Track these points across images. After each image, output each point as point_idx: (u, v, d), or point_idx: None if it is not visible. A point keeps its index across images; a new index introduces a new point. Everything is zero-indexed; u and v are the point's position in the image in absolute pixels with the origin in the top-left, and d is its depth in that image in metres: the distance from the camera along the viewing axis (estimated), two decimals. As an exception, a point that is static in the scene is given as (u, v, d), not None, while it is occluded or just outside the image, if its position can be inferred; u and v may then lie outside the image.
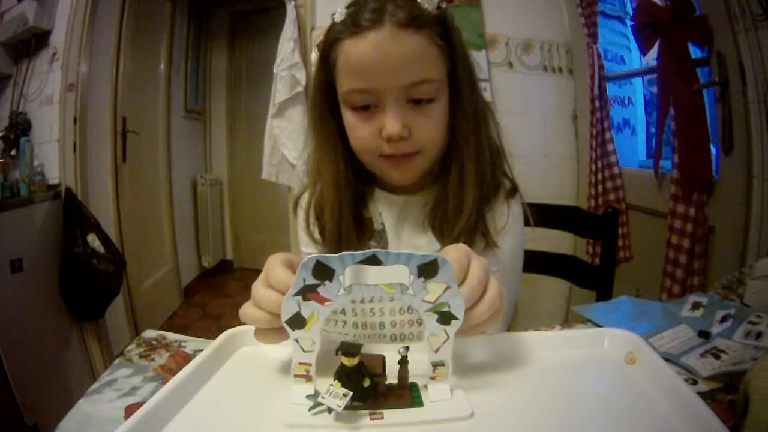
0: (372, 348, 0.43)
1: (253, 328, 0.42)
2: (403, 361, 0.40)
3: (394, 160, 0.66)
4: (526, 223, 0.74)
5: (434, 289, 0.37)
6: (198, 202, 3.51)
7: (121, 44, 2.30)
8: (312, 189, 0.74)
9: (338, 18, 0.64)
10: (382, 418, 0.37)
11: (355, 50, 0.61)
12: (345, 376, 0.37)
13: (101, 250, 1.86)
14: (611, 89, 2.00)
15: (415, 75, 0.61)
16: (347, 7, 0.64)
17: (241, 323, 0.45)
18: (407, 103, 0.63)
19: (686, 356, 0.50)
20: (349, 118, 0.66)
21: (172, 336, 0.58)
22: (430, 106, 0.64)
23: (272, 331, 0.41)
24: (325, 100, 0.69)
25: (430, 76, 0.62)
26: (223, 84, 3.75)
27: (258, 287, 0.42)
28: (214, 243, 3.56)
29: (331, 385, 0.37)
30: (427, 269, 0.36)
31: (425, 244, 0.71)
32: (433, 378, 0.40)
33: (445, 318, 0.38)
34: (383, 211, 0.74)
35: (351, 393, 0.36)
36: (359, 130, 0.66)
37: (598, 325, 0.60)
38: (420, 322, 0.42)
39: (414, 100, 0.63)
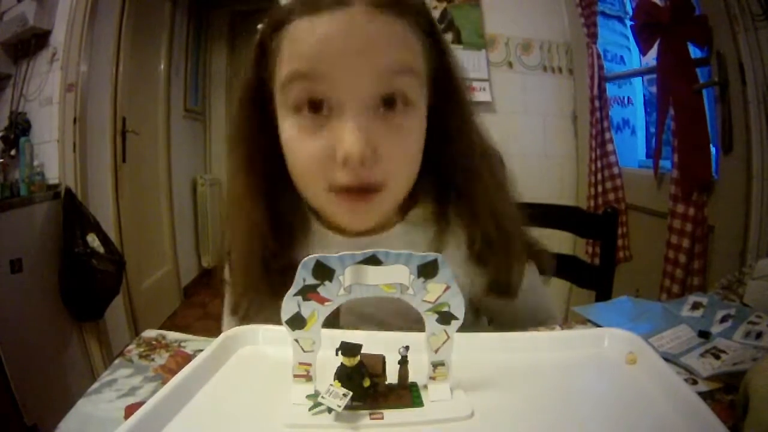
0: (372, 348, 0.43)
1: (253, 328, 0.43)
2: (403, 361, 0.40)
3: (349, 198, 0.47)
4: (542, 272, 0.63)
5: (434, 289, 0.37)
6: (198, 202, 3.51)
7: (121, 44, 2.29)
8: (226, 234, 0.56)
9: None
10: (382, 418, 0.37)
11: (305, 27, 0.45)
12: (345, 376, 0.37)
13: (101, 250, 1.86)
14: (611, 89, 2.00)
15: (395, 61, 0.45)
16: None
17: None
18: (376, 109, 0.46)
19: (686, 356, 0.50)
20: (287, 128, 0.48)
21: (172, 336, 0.58)
22: (406, 116, 0.47)
23: None
24: (254, 108, 0.51)
25: (415, 66, 0.47)
26: (223, 84, 3.75)
27: None
28: (214, 243, 3.56)
29: (331, 385, 0.37)
30: (427, 269, 0.36)
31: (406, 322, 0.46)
32: (433, 378, 0.40)
33: (445, 318, 0.38)
34: None
35: (351, 393, 0.36)
36: (301, 147, 0.47)
37: (598, 325, 0.60)
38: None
39: (387, 101, 0.46)
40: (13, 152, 1.87)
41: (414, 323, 0.39)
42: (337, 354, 0.38)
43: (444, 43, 0.52)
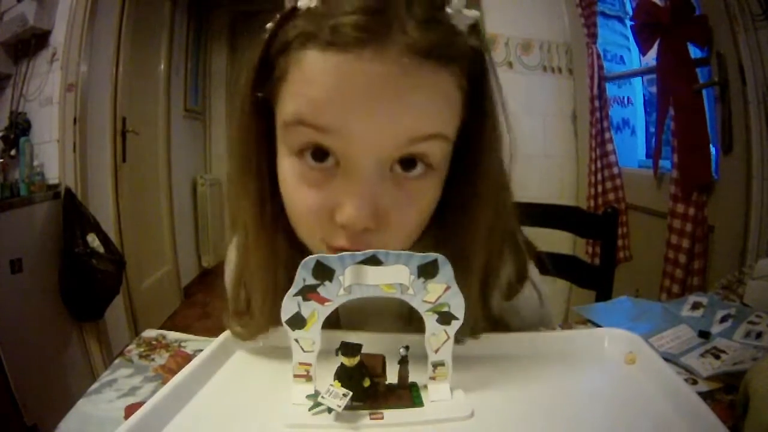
0: (372, 348, 0.43)
1: None
2: (403, 361, 0.40)
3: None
4: (543, 271, 0.57)
5: (434, 289, 0.37)
6: (198, 202, 3.51)
7: (120, 44, 2.29)
8: (239, 262, 0.49)
9: (304, 2, 0.38)
10: (382, 418, 0.37)
11: (322, 64, 0.36)
12: (345, 376, 0.37)
13: (101, 250, 1.86)
14: (611, 89, 2.00)
15: (425, 126, 0.37)
16: None
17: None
18: (390, 170, 0.39)
19: (686, 356, 0.50)
20: (286, 168, 0.41)
21: (172, 336, 0.58)
22: (424, 180, 0.40)
23: None
24: (257, 131, 0.43)
25: (445, 131, 0.39)
26: (223, 84, 3.75)
27: None
28: (214, 243, 3.56)
29: (331, 385, 0.37)
30: (428, 269, 0.36)
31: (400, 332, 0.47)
32: (433, 378, 0.40)
33: (445, 318, 0.38)
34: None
35: (351, 393, 0.36)
36: (299, 197, 0.41)
37: (598, 325, 0.60)
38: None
39: (405, 163, 0.39)
40: (13, 152, 1.87)
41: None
42: (337, 354, 0.38)
43: (491, 89, 0.42)
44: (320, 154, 0.39)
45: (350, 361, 0.37)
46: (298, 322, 0.38)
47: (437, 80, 0.37)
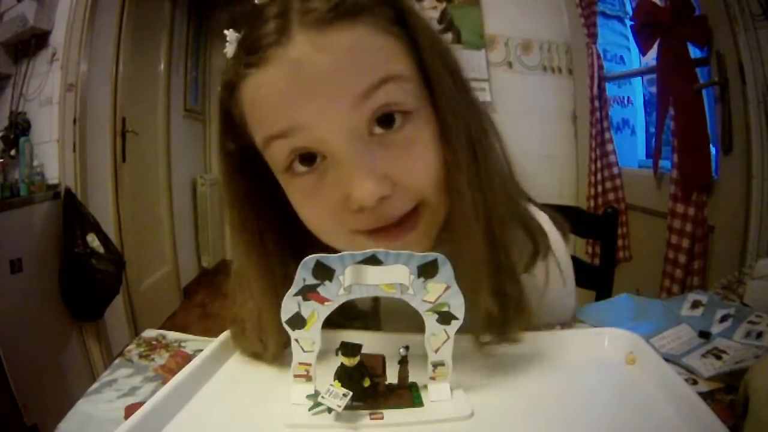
0: (372, 348, 0.43)
1: None
2: (403, 361, 0.40)
3: (380, 237, 0.41)
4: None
5: (434, 288, 0.37)
6: (198, 203, 3.51)
7: (120, 44, 2.29)
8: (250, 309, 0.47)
9: (230, 51, 0.42)
10: (382, 418, 0.37)
11: (257, 88, 0.39)
12: (345, 376, 0.37)
13: (101, 250, 1.86)
14: (611, 89, 2.00)
15: (365, 76, 0.38)
16: (235, 29, 0.42)
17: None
18: (370, 136, 0.39)
19: (688, 357, 0.50)
20: (287, 189, 0.43)
21: (172, 336, 0.58)
22: (408, 126, 0.40)
23: None
24: (245, 176, 0.45)
25: (393, 71, 0.39)
26: (223, 84, 3.75)
27: None
28: (213, 243, 3.56)
29: (331, 385, 0.37)
30: (428, 269, 0.36)
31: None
32: (433, 378, 0.40)
33: (445, 318, 0.38)
34: None
35: (351, 393, 0.36)
36: (309, 208, 0.42)
37: (598, 325, 0.60)
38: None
39: (381, 120, 0.39)
40: (13, 152, 1.87)
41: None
42: (337, 354, 0.38)
43: (420, 33, 0.42)
44: (305, 158, 0.40)
45: (350, 361, 0.37)
46: (298, 322, 0.38)
47: (351, 37, 0.38)
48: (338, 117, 0.38)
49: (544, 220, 0.53)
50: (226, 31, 0.42)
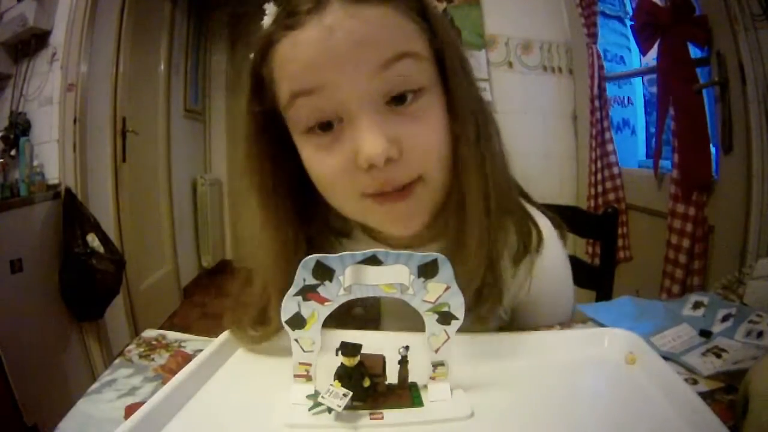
0: (372, 348, 0.44)
1: None
2: (403, 361, 0.40)
3: (384, 201, 0.45)
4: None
5: (434, 289, 0.37)
6: (198, 202, 3.50)
7: (120, 44, 2.29)
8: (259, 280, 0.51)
9: (268, 20, 0.46)
10: (382, 418, 0.37)
11: (292, 46, 0.43)
12: (345, 376, 0.37)
13: (101, 250, 1.86)
14: (611, 89, 2.00)
15: (388, 48, 0.42)
16: (275, 3, 0.46)
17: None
18: (386, 105, 0.44)
19: (687, 355, 0.50)
20: (304, 147, 0.47)
21: (172, 336, 0.58)
22: (420, 102, 0.44)
23: None
24: (266, 142, 0.49)
25: (412, 48, 0.44)
26: (223, 84, 3.74)
27: None
28: (213, 243, 3.55)
29: (331, 385, 0.37)
30: (428, 269, 0.36)
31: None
32: (433, 378, 0.40)
33: (445, 318, 0.38)
34: None
35: (351, 393, 0.36)
36: (322, 163, 0.46)
37: (600, 324, 0.59)
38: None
39: (396, 97, 0.44)
40: (13, 152, 1.87)
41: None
42: (337, 354, 0.38)
43: (438, 23, 0.47)
44: (324, 126, 0.44)
45: (350, 361, 0.37)
46: (298, 322, 0.38)
47: (380, 13, 0.42)
48: (359, 81, 0.42)
49: (540, 218, 0.55)
50: (266, 5, 0.46)
